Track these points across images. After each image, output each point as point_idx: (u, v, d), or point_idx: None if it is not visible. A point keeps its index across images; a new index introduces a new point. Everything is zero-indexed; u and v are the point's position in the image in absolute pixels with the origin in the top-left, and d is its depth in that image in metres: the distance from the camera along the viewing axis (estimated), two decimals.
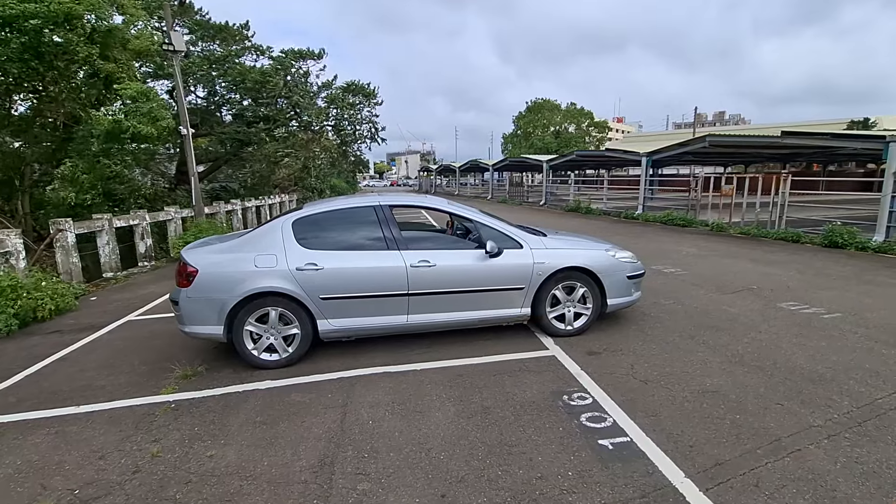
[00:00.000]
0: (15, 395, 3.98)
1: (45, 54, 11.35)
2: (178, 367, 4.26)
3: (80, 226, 8.55)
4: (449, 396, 3.65)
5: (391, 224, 4.56)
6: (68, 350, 5.01)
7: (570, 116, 54.83)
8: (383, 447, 2.99)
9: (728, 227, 13.33)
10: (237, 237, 4.67)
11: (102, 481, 2.77)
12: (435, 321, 4.57)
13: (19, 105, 14.16)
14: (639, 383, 3.78)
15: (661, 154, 17.50)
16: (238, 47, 20.60)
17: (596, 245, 5.20)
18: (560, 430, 3.13)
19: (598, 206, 20.38)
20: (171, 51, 10.96)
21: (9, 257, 6.78)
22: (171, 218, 11.32)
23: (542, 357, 4.35)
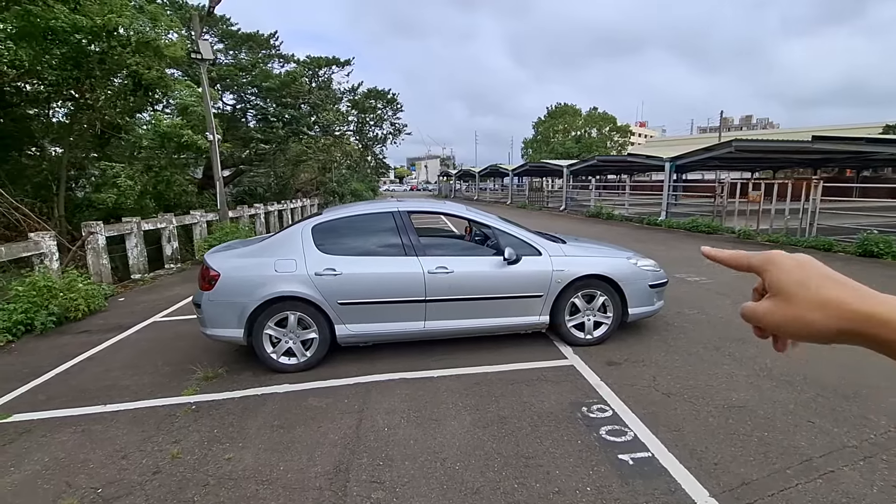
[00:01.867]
0: (45, 392, 4.12)
1: (84, 64, 11.83)
2: (199, 368, 4.34)
3: (111, 228, 8.84)
4: (465, 405, 3.62)
5: (409, 230, 4.56)
6: (96, 350, 5.16)
7: (591, 121, 54.27)
8: (398, 455, 2.97)
9: (756, 234, 12.94)
10: (258, 242, 4.75)
11: (124, 481, 2.82)
12: (452, 328, 4.55)
13: (57, 112, 14.79)
14: (661, 396, 3.67)
15: (686, 159, 17.12)
16: (265, 53, 21.10)
17: (617, 252, 5.10)
18: (578, 442, 3.06)
19: (619, 211, 20.06)
20: (199, 59, 11.28)
21: (43, 258, 7.05)
22: (197, 221, 11.61)
23: (560, 366, 4.28)
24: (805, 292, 0.46)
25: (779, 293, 0.48)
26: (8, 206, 10.00)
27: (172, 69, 16.19)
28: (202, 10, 16.15)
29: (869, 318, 0.42)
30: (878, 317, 0.42)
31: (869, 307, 0.43)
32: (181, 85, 12.64)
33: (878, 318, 0.42)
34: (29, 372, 4.55)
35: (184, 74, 17.81)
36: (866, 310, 0.43)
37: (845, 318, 0.43)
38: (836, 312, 0.44)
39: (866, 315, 0.43)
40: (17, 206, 10.12)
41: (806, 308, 0.45)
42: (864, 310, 0.43)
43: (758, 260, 0.51)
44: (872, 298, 0.44)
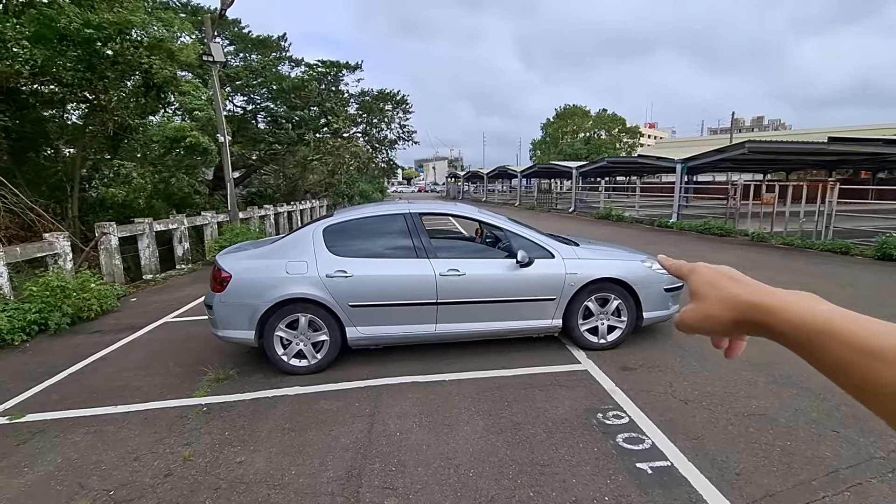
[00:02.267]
0: (58, 392, 4.13)
1: (97, 66, 11.97)
2: (210, 370, 4.33)
3: (123, 229, 8.91)
4: (478, 410, 3.57)
5: (421, 232, 4.52)
6: (109, 350, 5.18)
7: (600, 122, 54.02)
8: (411, 461, 2.93)
9: (770, 237, 12.74)
10: (269, 243, 4.74)
11: (136, 483, 2.81)
12: (464, 331, 4.50)
13: (72, 114, 15.00)
14: (678, 403, 3.60)
15: (697, 161, 16.94)
16: (276, 56, 21.24)
17: (631, 255, 5.02)
18: (595, 450, 2.99)
19: (629, 213, 19.88)
20: (210, 61, 11.36)
21: (57, 259, 7.12)
22: (208, 222, 11.68)
23: (574, 371, 4.21)
24: (713, 291, 0.52)
25: (695, 296, 0.54)
26: (23, 207, 10.13)
27: (184, 72, 16.37)
28: (214, 13, 16.29)
29: (756, 308, 0.48)
30: (764, 306, 0.47)
31: (757, 298, 0.48)
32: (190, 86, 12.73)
33: (763, 308, 0.47)
34: (43, 371, 4.58)
35: (195, 76, 17.99)
36: (754, 300, 0.48)
37: (738, 309, 0.49)
38: (731, 305, 0.50)
39: (753, 305, 0.48)
40: (31, 207, 10.25)
41: (712, 305, 0.52)
42: (752, 300, 0.48)
43: (686, 269, 0.59)
44: (763, 292, 0.49)
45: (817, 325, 0.44)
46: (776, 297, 0.48)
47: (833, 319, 0.43)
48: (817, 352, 0.44)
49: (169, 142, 11.66)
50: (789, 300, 0.47)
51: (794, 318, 0.45)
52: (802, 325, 0.45)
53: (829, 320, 0.43)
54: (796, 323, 0.45)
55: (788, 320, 0.46)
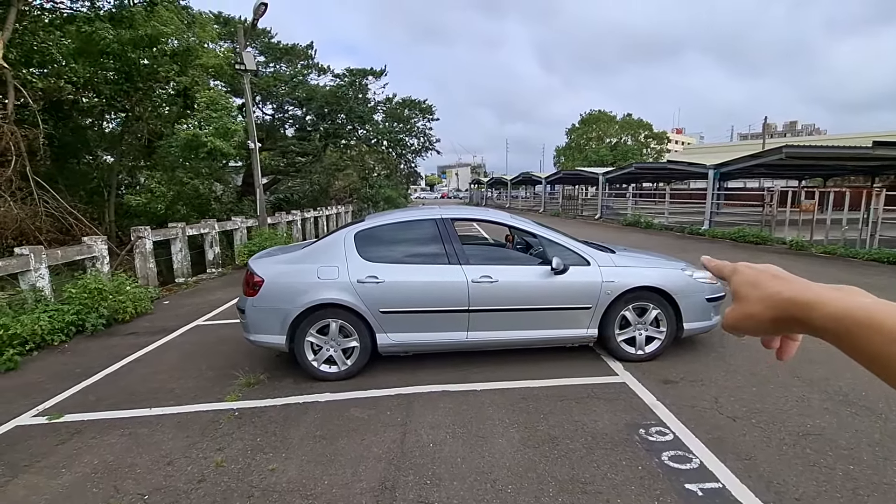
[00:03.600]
0: (95, 393, 4.20)
1: (133, 77, 12.43)
2: (241, 374, 4.34)
3: (157, 233, 9.14)
4: (512, 422, 3.44)
5: (452, 238, 4.45)
6: (143, 352, 5.26)
7: (626, 128, 53.16)
8: (446, 474, 2.83)
9: (810, 245, 12.19)
10: (301, 248, 4.73)
11: (170, 488, 2.79)
12: (496, 339, 4.39)
13: (110, 123, 15.62)
14: (726, 420, 3.39)
15: (731, 166, 16.41)
16: (303, 64, 21.67)
17: (670, 263, 4.82)
18: (639, 468, 2.83)
19: (659, 220, 19.40)
20: (242, 70, 11.62)
21: (95, 262, 7.32)
22: (238, 227, 11.89)
23: (611, 383, 4.04)
24: (754, 291, 0.52)
25: (736, 296, 0.54)
26: (63, 211, 10.53)
27: (216, 80, 16.85)
28: (246, 24, 16.71)
29: (795, 304, 0.47)
30: (803, 302, 0.47)
31: (795, 294, 0.48)
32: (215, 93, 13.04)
33: (803, 303, 0.47)
34: (80, 372, 4.67)
35: (226, 85, 18.49)
36: (793, 296, 0.48)
37: (778, 306, 0.49)
38: (771, 303, 0.49)
39: (793, 301, 0.47)
40: (71, 211, 10.65)
41: (753, 304, 0.51)
42: (791, 297, 0.48)
43: (729, 269, 0.58)
44: (801, 288, 0.48)
45: (859, 317, 0.43)
46: (816, 291, 0.47)
47: (877, 311, 0.42)
48: (859, 344, 0.43)
49: (188, 149, 11.94)
50: (830, 294, 0.46)
51: (836, 311, 0.44)
52: (844, 319, 0.44)
53: (872, 312, 0.42)
54: (838, 316, 0.44)
55: (830, 314, 0.45)
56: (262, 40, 20.94)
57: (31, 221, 9.61)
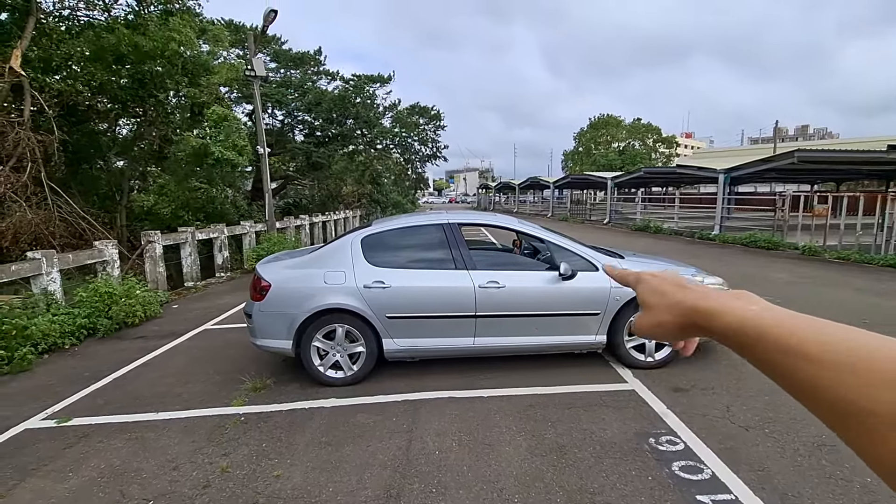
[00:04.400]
0: (103, 397, 4.22)
1: (147, 83, 12.61)
2: (248, 378, 4.33)
3: (167, 238, 9.22)
4: (520, 429, 3.40)
5: (459, 243, 4.43)
6: (151, 356, 5.29)
7: (634, 132, 52.87)
8: (452, 483, 2.79)
9: (823, 250, 11.99)
10: (308, 253, 4.74)
11: (175, 493, 2.79)
12: (503, 345, 4.35)
13: (123, 128, 15.87)
14: (738, 429, 3.32)
15: (742, 171, 16.22)
16: (313, 71, 21.88)
17: (680, 268, 4.75)
18: (649, 479, 2.77)
19: (668, 225, 19.22)
20: (252, 76, 11.75)
21: (106, 265, 7.40)
22: (246, 232, 11.97)
23: (620, 391, 3.98)
24: (660, 300, 0.53)
25: (644, 305, 0.56)
26: (76, 216, 10.67)
27: (226, 87, 17.04)
28: (256, 31, 16.91)
29: (697, 311, 0.49)
30: (704, 310, 0.48)
31: (696, 302, 0.49)
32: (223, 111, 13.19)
33: (703, 312, 0.48)
34: (89, 376, 4.70)
35: (237, 91, 18.69)
36: (695, 305, 0.49)
37: (683, 314, 0.50)
38: (677, 311, 0.51)
39: (695, 309, 0.49)
40: (83, 216, 10.79)
41: (661, 312, 0.53)
42: (693, 305, 0.49)
43: (632, 279, 0.60)
44: (702, 296, 0.50)
45: (750, 328, 0.43)
46: (716, 300, 0.48)
47: (764, 320, 0.43)
48: (753, 354, 0.43)
49: (196, 157, 12.07)
50: (729, 304, 0.47)
51: (732, 321, 0.45)
52: (739, 329, 0.44)
53: (760, 322, 0.43)
54: (734, 326, 0.45)
55: (728, 324, 0.45)
56: (273, 47, 21.19)
57: (45, 226, 9.75)
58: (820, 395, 0.36)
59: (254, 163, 13.49)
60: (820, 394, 0.36)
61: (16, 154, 9.66)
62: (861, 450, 0.34)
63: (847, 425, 0.35)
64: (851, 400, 0.34)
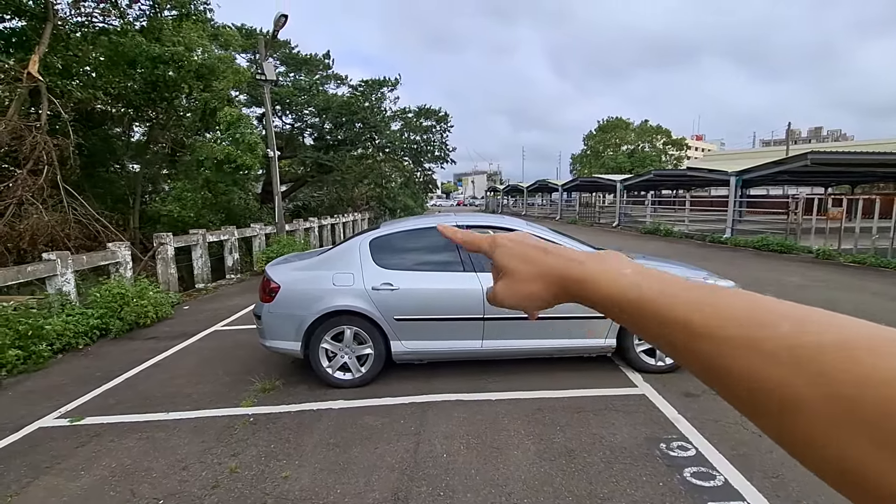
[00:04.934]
0: (115, 397, 4.27)
1: (160, 87, 12.80)
2: (257, 379, 4.36)
3: (179, 240, 9.33)
4: (528, 433, 3.38)
5: None
6: (163, 356, 5.34)
7: (643, 135, 52.48)
8: (459, 486, 2.78)
9: (837, 254, 11.79)
10: (317, 255, 4.76)
11: (185, 493, 2.81)
12: (511, 348, 4.33)
13: (136, 132, 16.12)
14: (751, 436, 3.26)
15: (754, 173, 16.05)
16: (322, 75, 22.06)
17: (691, 271, 4.71)
18: (660, 484, 2.74)
19: (679, 228, 19.04)
20: (263, 80, 11.86)
21: (119, 267, 7.50)
22: (256, 234, 12.07)
23: (630, 395, 3.94)
24: (527, 267, 0.49)
25: (506, 271, 0.50)
26: (90, 218, 10.84)
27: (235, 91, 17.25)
28: (267, 36, 17.10)
29: (570, 279, 0.45)
30: (575, 278, 0.45)
31: (568, 270, 0.46)
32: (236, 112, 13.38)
33: (575, 279, 0.45)
34: (102, 376, 4.76)
35: (248, 95, 18.91)
36: (567, 273, 0.46)
37: (556, 283, 0.47)
38: (550, 279, 0.47)
39: (567, 277, 0.45)
40: (97, 218, 10.95)
41: (532, 282, 0.48)
42: (565, 273, 0.46)
43: (486, 244, 0.54)
44: (571, 262, 0.46)
45: (624, 295, 0.39)
46: (585, 266, 0.44)
47: (639, 287, 0.39)
48: (636, 327, 0.38)
49: (218, 163, 12.24)
50: (595, 268, 0.43)
51: (605, 289, 0.41)
52: (614, 297, 0.40)
53: (636, 289, 0.39)
54: (609, 294, 0.41)
55: (600, 292, 0.42)
56: (283, 51, 21.40)
57: (60, 228, 9.90)
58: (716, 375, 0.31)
59: (264, 164, 13.64)
60: (715, 374, 0.31)
61: (33, 157, 9.84)
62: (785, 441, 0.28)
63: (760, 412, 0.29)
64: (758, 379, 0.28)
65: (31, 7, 11.17)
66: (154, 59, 11.65)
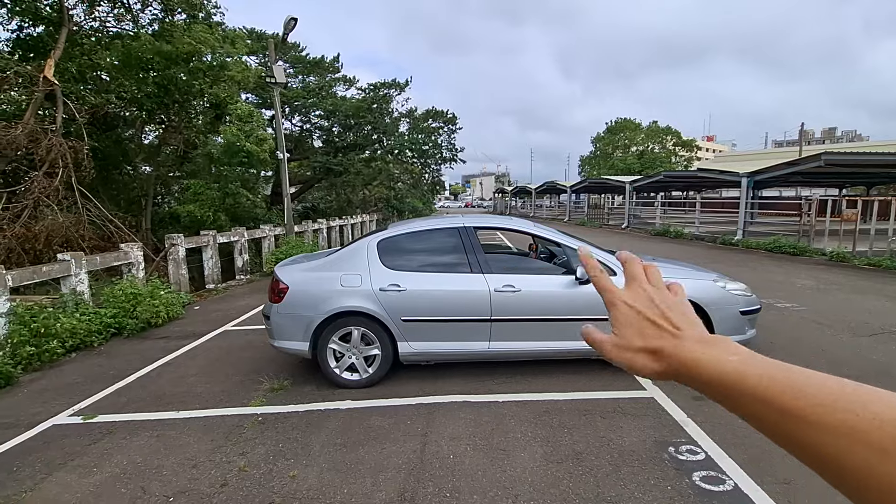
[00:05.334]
0: (126, 395, 4.33)
1: (172, 90, 12.99)
2: (266, 379, 4.40)
3: (190, 241, 9.44)
4: (535, 435, 3.36)
5: (475, 246, 4.42)
6: (173, 355, 5.41)
7: (653, 135, 52.06)
8: (466, 488, 2.78)
9: (852, 256, 11.60)
10: (325, 256, 4.79)
11: (194, 491, 2.84)
12: (518, 350, 4.32)
13: (149, 135, 16.36)
14: (763, 440, 3.11)
15: (766, 174, 15.84)
16: (331, 78, 22.22)
17: (701, 274, 4.66)
18: (669, 488, 2.71)
19: (689, 230, 18.86)
20: (272, 83, 11.97)
21: (131, 267, 7.61)
22: (266, 235, 12.17)
23: (639, 398, 3.91)
24: (638, 341, 0.49)
25: (618, 334, 0.51)
26: (104, 220, 11.01)
27: (247, 94, 17.45)
28: (277, 38, 17.27)
29: (680, 363, 0.45)
30: (684, 361, 0.45)
31: (678, 352, 0.46)
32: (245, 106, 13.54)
33: (684, 363, 0.45)
34: (114, 374, 4.83)
35: (257, 97, 19.09)
36: (676, 354, 0.46)
37: (664, 364, 0.47)
38: (657, 357, 0.47)
39: (676, 359, 0.46)
40: (111, 220, 11.12)
41: (638, 355, 0.49)
42: (674, 354, 0.46)
43: (607, 299, 0.55)
44: (680, 344, 0.46)
45: (728, 379, 0.40)
46: (693, 350, 0.45)
47: (744, 372, 0.40)
48: (738, 411, 0.40)
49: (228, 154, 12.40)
50: (702, 352, 0.44)
51: (710, 372, 0.42)
52: (717, 381, 0.41)
53: (741, 374, 0.40)
54: (712, 378, 0.42)
55: (705, 376, 0.43)
56: (292, 54, 21.58)
57: (75, 229, 10.07)
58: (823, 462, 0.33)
59: (273, 166, 13.77)
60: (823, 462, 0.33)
61: (48, 160, 10.03)
62: None
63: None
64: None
65: (48, 13, 11.40)
66: (166, 57, 11.83)
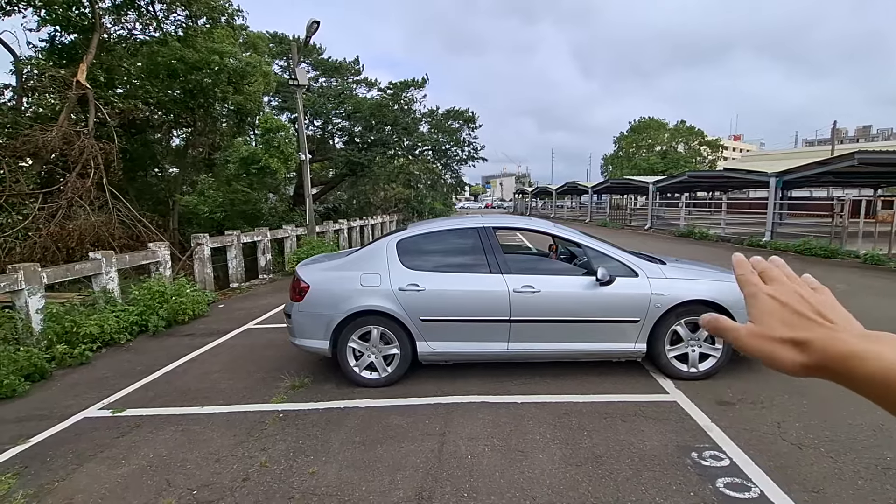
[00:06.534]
0: (153, 390, 4.45)
1: (197, 94, 13.34)
2: (287, 377, 4.47)
3: (215, 241, 9.67)
4: (554, 437, 3.33)
5: (494, 247, 4.40)
6: (198, 352, 5.54)
7: (678, 135, 50.98)
8: (483, 488, 2.76)
9: (887, 259, 11.13)
10: (346, 255, 4.84)
11: (217, 485, 2.90)
12: (537, 351, 4.29)
13: (176, 138, 16.86)
14: (790, 447, 3.12)
15: (795, 174, 15.35)
16: (352, 80, 22.50)
17: (726, 276, 4.53)
18: (692, 494, 2.65)
19: (714, 231, 18.40)
20: (295, 85, 12.17)
21: (159, 266, 7.83)
22: (288, 235, 12.38)
23: (661, 402, 3.83)
24: (783, 330, 0.47)
25: (761, 322, 0.48)
26: (133, 220, 11.37)
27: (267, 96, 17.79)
28: (299, 41, 17.57)
29: (830, 356, 0.43)
30: (840, 354, 0.42)
31: (830, 345, 0.43)
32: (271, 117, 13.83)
33: (839, 356, 0.42)
34: (142, 370, 4.97)
35: (281, 99, 19.44)
36: (827, 347, 0.43)
37: (812, 356, 0.44)
38: (804, 349, 0.45)
39: (825, 352, 0.43)
40: (139, 219, 11.48)
41: (781, 345, 0.46)
42: (825, 346, 0.44)
43: (747, 292, 0.52)
44: (835, 336, 0.44)
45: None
46: (851, 344, 0.42)
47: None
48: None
49: (245, 164, 12.66)
50: (870, 347, 0.41)
51: (873, 369, 0.40)
52: (882, 379, 0.39)
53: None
54: (875, 376, 0.40)
55: (869, 371, 0.40)
56: (314, 57, 21.91)
57: (105, 229, 10.44)
58: None
59: (295, 168, 14.00)
60: None
61: (81, 161, 10.41)
62: None
63: None
64: None
65: (80, 21, 11.84)
66: (190, 64, 12.17)
